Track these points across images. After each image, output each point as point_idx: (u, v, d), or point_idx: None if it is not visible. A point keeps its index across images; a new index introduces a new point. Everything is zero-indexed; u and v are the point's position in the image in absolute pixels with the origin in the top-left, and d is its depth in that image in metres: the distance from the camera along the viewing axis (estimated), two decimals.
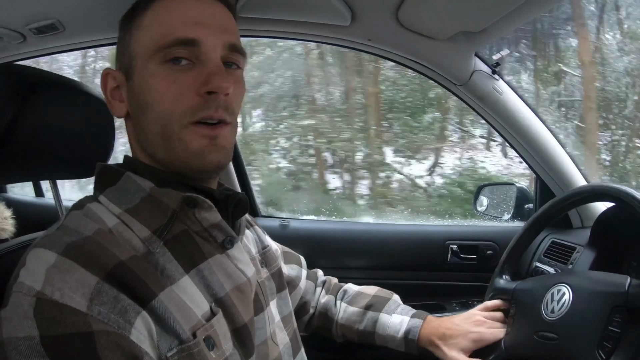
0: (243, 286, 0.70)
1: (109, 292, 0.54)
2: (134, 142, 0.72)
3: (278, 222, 1.70)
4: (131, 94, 0.69)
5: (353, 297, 1.08)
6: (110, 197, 0.66)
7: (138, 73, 0.67)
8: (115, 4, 1.02)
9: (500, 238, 1.56)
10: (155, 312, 0.57)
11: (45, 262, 0.55)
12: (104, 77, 0.71)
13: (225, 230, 0.69)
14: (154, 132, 0.66)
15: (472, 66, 1.24)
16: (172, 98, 0.64)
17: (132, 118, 0.70)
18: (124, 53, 0.69)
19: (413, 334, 0.97)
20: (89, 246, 0.57)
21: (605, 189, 0.96)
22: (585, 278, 0.86)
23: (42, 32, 1.15)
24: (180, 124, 0.64)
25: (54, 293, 0.52)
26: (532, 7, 0.95)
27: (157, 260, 0.61)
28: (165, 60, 0.64)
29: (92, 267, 0.55)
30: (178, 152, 0.65)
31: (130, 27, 0.69)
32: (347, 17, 1.08)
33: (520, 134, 1.35)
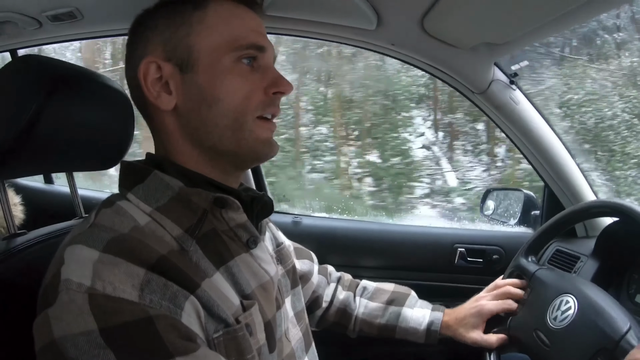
0: (267, 284, 0.73)
1: (157, 280, 0.56)
2: (178, 137, 0.71)
3: (291, 219, 1.72)
4: (190, 86, 0.69)
5: (373, 293, 1.12)
6: (139, 195, 0.67)
7: (205, 67, 0.68)
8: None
9: (507, 243, 1.59)
10: (200, 299, 0.60)
11: (88, 259, 0.56)
12: (146, 65, 0.69)
13: (250, 231, 0.72)
14: (223, 124, 0.69)
15: (491, 75, 1.26)
16: (244, 94, 0.69)
17: (183, 112, 0.70)
18: (176, 44, 0.68)
19: (436, 325, 1.05)
20: (129, 242, 0.59)
21: (616, 205, 1.00)
22: (593, 301, 0.88)
23: (59, 20, 1.16)
24: (251, 116, 0.70)
25: (106, 287, 0.53)
26: (556, 25, 0.98)
27: (191, 257, 0.63)
28: (238, 58, 0.69)
29: (136, 260, 0.57)
30: (249, 141, 0.70)
31: (186, 20, 0.69)
32: (373, 22, 1.10)
33: (533, 143, 1.37)
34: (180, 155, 0.71)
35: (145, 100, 0.71)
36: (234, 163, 0.74)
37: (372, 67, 4.09)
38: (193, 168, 0.71)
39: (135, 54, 0.71)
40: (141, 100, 0.72)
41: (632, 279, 1.11)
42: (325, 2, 1.05)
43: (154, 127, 0.74)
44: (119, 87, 0.88)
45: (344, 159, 4.16)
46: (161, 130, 0.72)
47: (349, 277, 1.19)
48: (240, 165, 0.76)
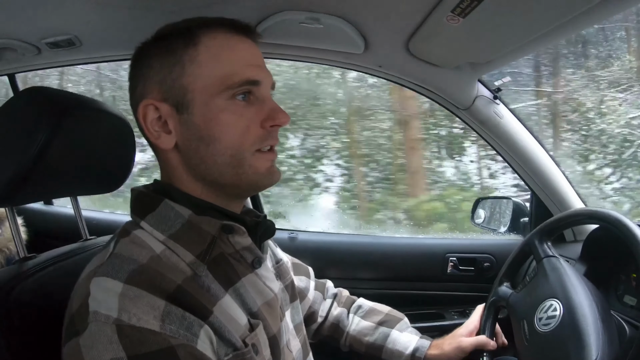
0: (272, 301, 0.77)
1: (176, 312, 0.61)
2: (181, 172, 0.73)
3: (287, 235, 1.76)
4: (187, 126, 0.70)
5: (367, 312, 1.15)
6: (151, 223, 0.70)
7: (200, 107, 0.69)
8: (133, 23, 1.06)
9: (497, 251, 1.63)
10: (213, 325, 0.64)
11: (113, 291, 0.60)
12: (144, 108, 0.70)
13: (255, 252, 0.76)
14: (221, 162, 0.70)
15: (475, 92, 1.31)
16: (240, 131, 0.70)
17: (183, 150, 0.71)
18: (171, 85, 0.69)
19: (420, 353, 1.06)
20: (148, 273, 0.63)
21: (596, 213, 1.04)
22: (576, 317, 0.89)
23: (58, 47, 1.19)
24: (249, 152, 0.71)
25: (131, 318, 0.58)
26: (537, 43, 1.02)
27: (203, 282, 0.67)
28: (232, 96, 0.69)
29: (156, 291, 0.61)
30: (249, 175, 0.72)
31: (179, 60, 0.69)
32: (361, 46, 1.14)
33: (518, 155, 1.42)
34: (184, 186, 0.74)
35: (148, 138, 0.73)
36: (236, 194, 0.76)
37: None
38: (199, 197, 0.73)
39: (136, 91, 0.73)
40: (145, 135, 0.74)
41: (619, 280, 1.15)
42: (315, 30, 1.09)
43: (160, 159, 0.76)
44: (120, 114, 0.92)
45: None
46: (166, 165, 0.75)
47: (346, 294, 1.22)
48: (242, 195, 0.79)
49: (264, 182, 0.75)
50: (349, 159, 3.99)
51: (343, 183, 3.93)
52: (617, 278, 1.16)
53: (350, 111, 4.06)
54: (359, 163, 4.01)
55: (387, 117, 4.08)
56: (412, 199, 3.80)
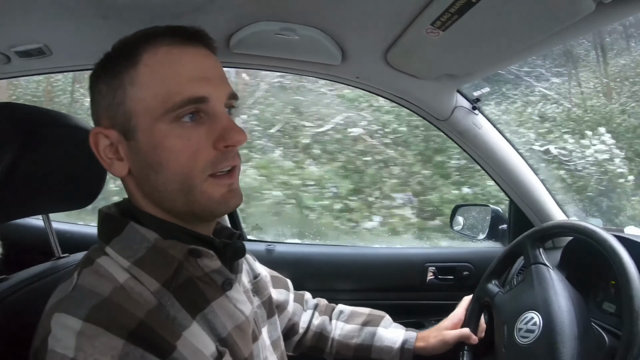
0: (243, 325, 0.74)
1: (134, 352, 0.58)
2: (139, 198, 0.71)
3: (264, 247, 1.73)
4: (136, 153, 0.67)
5: (349, 315, 1.14)
6: (116, 249, 0.67)
7: (144, 133, 0.66)
8: (105, 33, 0.99)
9: (476, 259, 1.64)
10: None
11: (71, 329, 0.58)
12: (94, 136, 0.68)
13: (224, 274, 0.73)
14: (171, 189, 0.67)
15: (453, 102, 1.30)
16: (188, 156, 0.65)
17: (136, 176, 0.69)
18: (115, 110, 0.66)
19: (410, 344, 1.07)
20: (108, 309, 0.60)
21: (572, 226, 1.04)
22: (555, 330, 0.89)
23: (28, 55, 1.15)
24: (200, 178, 0.66)
25: (87, 359, 0.56)
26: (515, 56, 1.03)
27: (168, 311, 0.65)
28: (176, 119, 0.65)
29: (115, 329, 0.58)
30: (202, 203, 0.68)
31: (120, 83, 0.66)
32: (338, 57, 1.12)
33: (497, 165, 1.42)
34: (145, 209, 0.71)
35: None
36: (194, 220, 0.73)
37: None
38: (165, 219, 0.71)
39: (93, 117, 0.71)
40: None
41: (598, 287, 1.15)
42: (291, 41, 1.07)
43: (122, 183, 0.74)
44: (88, 127, 0.88)
45: None
46: (126, 190, 0.73)
47: (325, 302, 1.21)
48: (203, 220, 0.74)
49: (219, 209, 0.70)
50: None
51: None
52: (596, 285, 1.16)
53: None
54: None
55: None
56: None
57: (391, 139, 3.80)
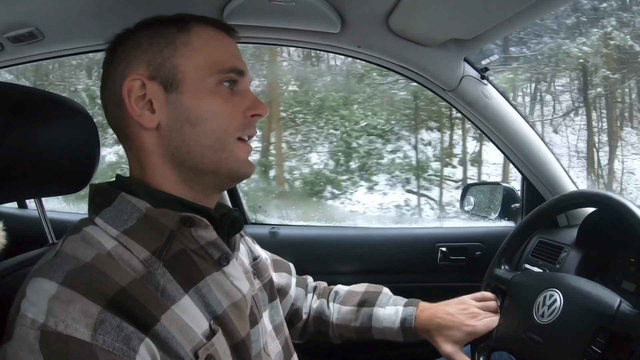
0: (239, 302, 0.72)
1: (111, 321, 0.55)
2: (158, 157, 0.71)
3: (268, 230, 1.69)
4: (174, 106, 0.69)
5: (345, 296, 1.09)
6: (106, 219, 0.66)
7: (190, 88, 0.69)
8: (95, 12, 1.02)
9: (489, 239, 1.59)
10: (157, 336, 0.59)
11: (46, 293, 0.56)
12: (131, 82, 0.69)
13: (221, 248, 0.71)
14: (204, 144, 0.70)
15: (461, 72, 1.24)
16: (225, 115, 0.71)
17: (165, 131, 0.70)
18: (161, 64, 0.69)
19: (409, 322, 1.01)
20: (88, 274, 0.58)
21: (596, 195, 1.01)
22: (577, 288, 0.88)
23: (20, 41, 1.14)
24: (233, 137, 0.72)
25: (58, 325, 0.53)
26: (525, 15, 0.96)
27: (158, 281, 0.63)
28: (220, 81, 0.71)
29: (94, 295, 0.56)
30: (229, 161, 0.72)
31: (171, 42, 0.70)
32: (337, 24, 1.07)
33: (508, 137, 1.36)
34: (157, 176, 0.71)
35: (126, 119, 0.70)
36: (212, 183, 0.74)
37: None
38: (169, 188, 0.71)
39: (115, 72, 0.71)
40: (120, 119, 0.72)
41: (617, 265, 1.11)
42: (287, 8, 1.03)
43: (132, 147, 0.72)
44: (81, 109, 0.86)
45: None
46: (140, 150, 0.71)
47: (324, 285, 1.17)
48: (219, 185, 0.77)
49: (243, 170, 0.75)
50: None
51: None
52: (615, 264, 1.12)
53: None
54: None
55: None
56: None
57: None
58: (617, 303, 0.80)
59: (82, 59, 6.01)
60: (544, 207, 1.11)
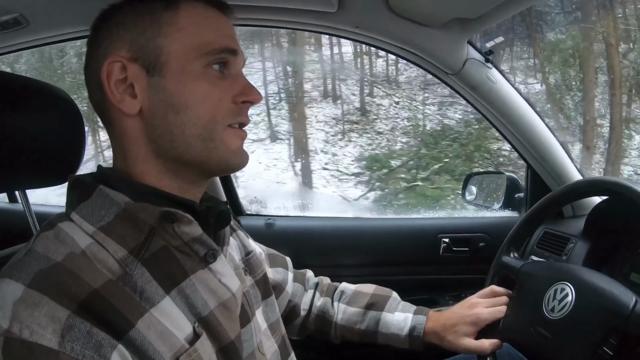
0: (228, 302, 0.68)
1: (80, 326, 0.51)
2: (142, 145, 0.66)
3: (263, 221, 1.66)
4: (157, 90, 0.65)
5: (351, 297, 1.06)
6: (83, 214, 0.62)
7: (174, 71, 0.64)
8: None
9: (492, 230, 1.56)
10: (133, 343, 0.55)
11: (11, 296, 0.52)
12: (110, 65, 0.64)
13: (207, 244, 0.67)
14: (190, 133, 0.65)
15: (464, 54, 1.20)
16: (213, 102, 0.66)
17: (148, 117, 0.65)
18: (144, 44, 0.64)
19: (418, 331, 0.98)
20: (58, 275, 0.54)
21: (606, 182, 0.98)
22: (591, 283, 0.84)
23: (5, 28, 1.11)
24: (222, 125, 0.66)
25: (23, 331, 0.49)
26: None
27: (135, 282, 0.58)
28: (208, 64, 0.66)
29: (62, 299, 0.52)
30: (219, 151, 0.67)
31: (156, 20, 0.65)
32: (334, 3, 1.03)
33: (513, 124, 1.32)
34: (140, 164, 0.67)
35: (107, 104, 0.66)
36: (200, 173, 0.70)
37: None
38: (152, 179, 0.67)
39: (97, 52, 0.66)
40: (102, 104, 0.67)
41: (625, 257, 1.08)
42: None
43: (115, 134, 0.68)
44: (66, 97, 0.83)
45: None
46: (123, 137, 0.67)
47: (327, 282, 1.13)
48: (207, 175, 0.72)
49: (235, 160, 0.70)
50: None
51: None
52: (623, 255, 1.09)
53: None
54: None
55: None
56: None
57: None
58: (633, 303, 0.76)
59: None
60: (556, 193, 1.07)
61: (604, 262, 1.10)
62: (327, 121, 7.92)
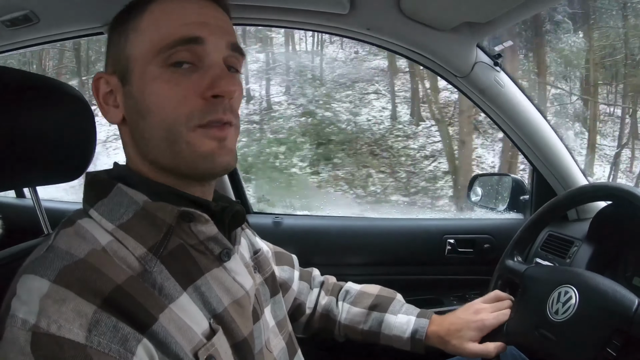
0: (242, 300, 0.69)
1: (107, 321, 0.52)
2: (131, 150, 0.69)
3: (271, 219, 1.67)
4: (129, 98, 0.66)
5: (356, 297, 1.07)
6: (101, 212, 0.63)
7: (136, 77, 0.64)
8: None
9: (497, 231, 1.56)
10: (156, 337, 0.56)
11: (37, 291, 0.53)
12: (96, 81, 0.68)
13: (222, 243, 0.68)
14: (157, 137, 0.64)
15: (474, 57, 1.20)
16: (175, 102, 0.62)
17: (129, 124, 0.67)
18: (118, 56, 0.66)
19: (420, 334, 0.98)
20: (82, 271, 0.55)
21: (610, 188, 0.99)
22: (594, 286, 0.85)
23: (16, 25, 1.12)
24: (187, 127, 0.63)
25: (50, 326, 0.50)
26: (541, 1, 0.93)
27: (155, 279, 0.59)
28: (167, 63, 0.63)
29: (88, 294, 0.53)
30: (185, 155, 0.63)
31: (125, 30, 0.66)
32: (346, 5, 1.04)
33: (520, 127, 1.33)
34: (139, 169, 0.68)
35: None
36: (182, 177, 0.67)
37: None
38: (157, 179, 0.67)
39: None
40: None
41: (628, 261, 1.09)
42: None
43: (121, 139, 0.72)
44: (78, 94, 0.84)
45: None
46: (124, 142, 0.70)
47: (333, 281, 1.14)
48: (190, 179, 0.68)
49: (203, 164, 0.65)
50: None
51: None
52: (626, 260, 1.10)
53: None
54: None
55: None
56: None
57: None
58: (636, 305, 0.77)
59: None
60: (561, 198, 1.08)
61: (607, 265, 1.11)
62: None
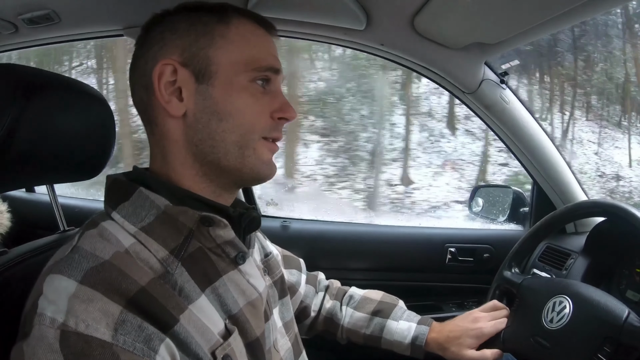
0: (255, 301, 0.71)
1: (132, 321, 0.55)
2: (181, 148, 0.69)
3: (279, 223, 1.71)
4: (205, 98, 0.68)
5: (359, 302, 1.10)
6: (123, 214, 0.65)
7: (222, 81, 0.68)
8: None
9: (497, 242, 1.59)
10: (177, 337, 0.58)
11: (65, 291, 0.55)
12: (162, 66, 0.67)
13: (238, 247, 0.70)
14: (229, 141, 0.68)
15: (481, 75, 1.24)
16: (255, 114, 0.70)
17: (191, 122, 0.68)
18: (196, 52, 0.68)
19: (420, 340, 1.01)
20: (108, 272, 0.57)
21: (606, 205, 1.04)
22: (587, 296, 0.89)
23: (36, 23, 1.12)
24: (258, 135, 0.70)
25: (79, 324, 0.52)
26: (549, 25, 0.96)
27: (175, 281, 0.62)
28: (253, 79, 0.70)
29: (114, 295, 0.55)
30: (251, 160, 0.70)
31: (209, 32, 0.69)
32: (363, 22, 1.08)
33: (523, 142, 1.37)
34: (179, 167, 0.70)
35: (153, 103, 0.69)
36: (233, 181, 0.73)
37: None
38: (187, 182, 0.70)
39: (148, 53, 0.69)
40: (147, 103, 0.70)
41: (622, 274, 1.13)
42: (314, 2, 1.03)
43: (156, 134, 0.71)
44: (98, 94, 0.85)
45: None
46: (163, 137, 0.70)
47: (337, 285, 1.17)
48: (239, 183, 0.75)
49: (265, 171, 0.73)
50: None
51: None
52: (620, 273, 1.14)
53: None
54: None
55: None
56: None
57: None
58: (625, 314, 0.81)
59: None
60: (558, 213, 1.12)
61: (602, 278, 1.14)
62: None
